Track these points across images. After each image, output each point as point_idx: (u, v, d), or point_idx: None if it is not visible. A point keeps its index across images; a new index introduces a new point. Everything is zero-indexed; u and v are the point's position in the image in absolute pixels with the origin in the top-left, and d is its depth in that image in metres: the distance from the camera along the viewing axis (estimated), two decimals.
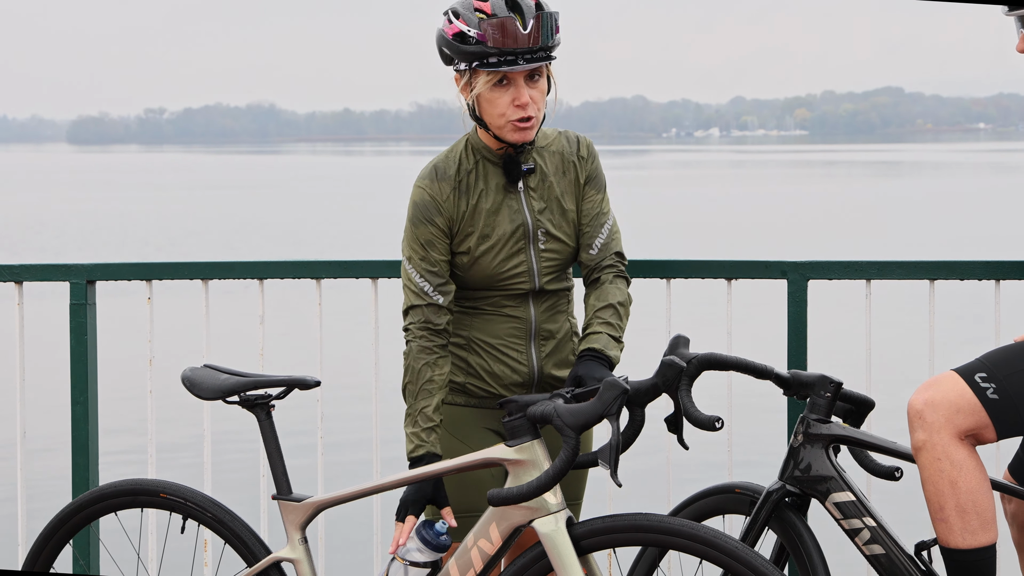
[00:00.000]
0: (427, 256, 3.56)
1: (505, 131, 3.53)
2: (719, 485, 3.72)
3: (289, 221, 37.94)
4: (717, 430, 3.21)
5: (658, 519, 3.15)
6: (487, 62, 3.46)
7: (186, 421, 10.66)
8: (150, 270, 4.47)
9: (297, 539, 3.46)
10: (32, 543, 3.65)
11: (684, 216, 37.99)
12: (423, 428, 3.49)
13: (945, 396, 3.38)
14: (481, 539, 3.23)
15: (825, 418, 3.52)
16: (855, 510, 3.47)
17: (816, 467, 3.50)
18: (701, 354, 3.37)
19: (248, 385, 3.51)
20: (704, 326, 4.74)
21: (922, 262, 4.23)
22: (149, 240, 31.85)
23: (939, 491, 3.37)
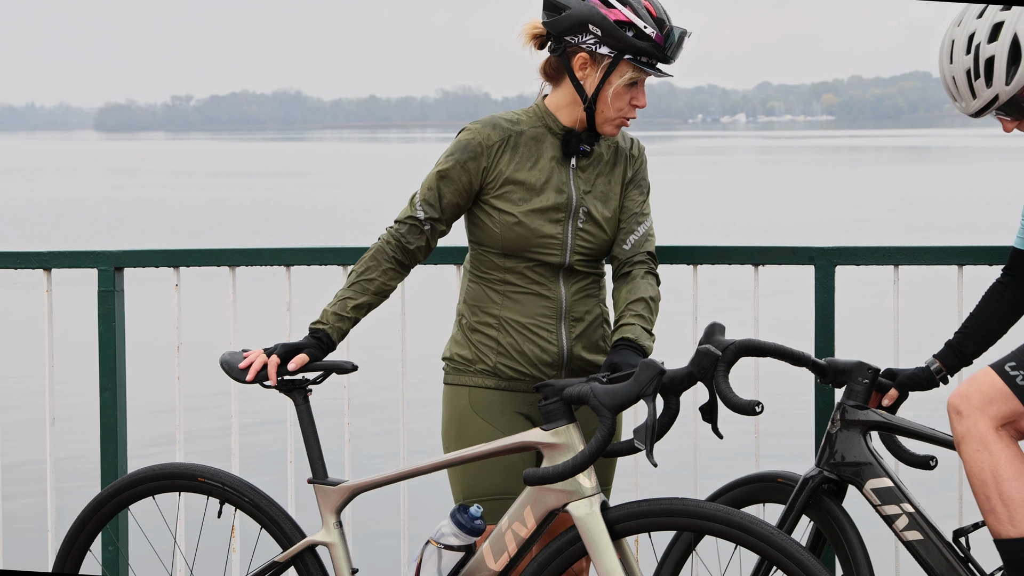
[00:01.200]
0: (435, 188, 3.62)
1: (609, 124, 3.62)
2: (757, 473, 3.72)
3: (315, 208, 38.00)
4: (757, 414, 3.22)
5: (694, 504, 3.16)
6: (640, 59, 3.53)
7: (213, 407, 10.71)
8: (177, 257, 4.48)
9: (332, 523, 3.48)
10: (59, 528, 3.67)
11: (711, 202, 37.90)
12: (335, 312, 3.60)
13: (977, 388, 3.44)
14: (515, 523, 3.25)
15: (863, 404, 3.53)
16: (893, 496, 3.48)
17: (853, 453, 3.51)
18: (738, 340, 3.37)
19: (286, 369, 3.53)
20: (731, 312, 4.73)
21: (951, 247, 4.21)
22: (176, 227, 31.96)
23: (983, 482, 3.40)
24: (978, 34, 3.46)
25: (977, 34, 3.46)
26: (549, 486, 3.20)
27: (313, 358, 3.56)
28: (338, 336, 3.61)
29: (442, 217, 3.65)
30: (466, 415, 3.64)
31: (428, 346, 6.35)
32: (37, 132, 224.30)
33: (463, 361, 3.68)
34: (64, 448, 8.19)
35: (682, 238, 24.16)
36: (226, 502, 3.61)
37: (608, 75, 3.56)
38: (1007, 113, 3.52)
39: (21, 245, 26.35)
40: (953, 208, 34.31)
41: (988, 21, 3.46)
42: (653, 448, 3.11)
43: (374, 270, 3.63)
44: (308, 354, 3.55)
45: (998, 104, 3.49)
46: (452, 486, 3.66)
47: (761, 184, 47.83)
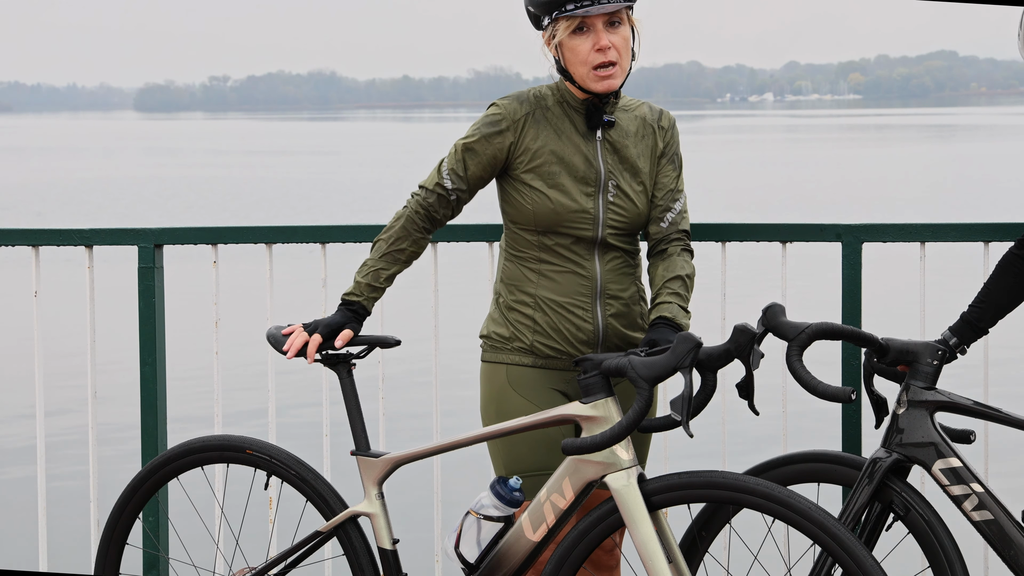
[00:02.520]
0: (461, 159, 3.62)
1: (589, 80, 3.56)
2: (812, 452, 3.63)
3: (350, 186, 38.05)
4: (852, 401, 3.22)
5: (733, 477, 3.16)
6: (565, 9, 3.49)
7: (251, 381, 10.76)
8: (215, 234, 4.49)
9: (374, 494, 3.50)
10: (100, 499, 3.70)
11: (739, 180, 37.75)
12: (369, 283, 3.61)
13: None
14: (554, 494, 3.26)
15: (931, 385, 3.49)
16: (963, 476, 3.41)
17: (921, 433, 3.44)
18: (814, 325, 3.34)
19: (330, 344, 3.55)
20: (759, 289, 4.71)
21: (976, 224, 4.18)
22: (214, 205, 32.05)
23: None
24: None
25: None
26: (587, 458, 3.21)
27: (356, 332, 3.58)
28: (372, 305, 3.62)
29: (467, 187, 3.64)
30: (504, 392, 3.63)
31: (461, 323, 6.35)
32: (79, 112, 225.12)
33: (500, 339, 3.67)
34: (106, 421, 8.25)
35: (710, 215, 24.07)
36: (273, 474, 3.64)
37: (557, 41, 3.56)
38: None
39: (64, 223, 26.48)
40: (979, 186, 34.06)
41: None
42: (689, 419, 3.11)
43: (404, 239, 3.63)
44: (351, 328, 3.57)
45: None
46: (493, 461, 3.66)
47: (789, 162, 47.61)
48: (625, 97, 3.70)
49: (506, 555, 3.33)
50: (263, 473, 3.66)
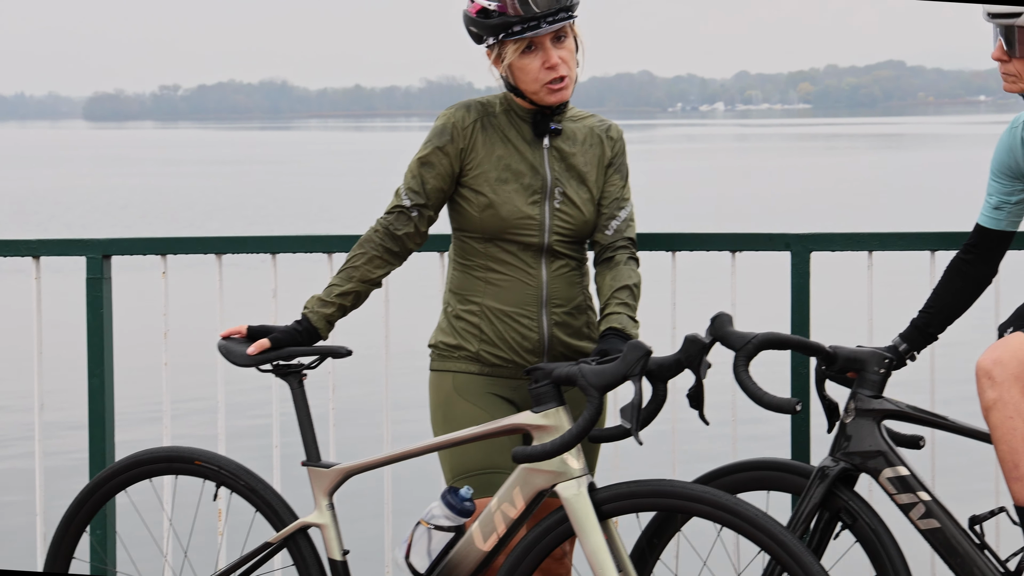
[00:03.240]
0: (419, 174, 3.63)
1: (541, 95, 3.59)
2: (761, 459, 3.66)
3: (301, 196, 37.93)
4: (797, 412, 3.23)
5: (682, 485, 3.18)
6: (512, 32, 3.50)
7: (200, 392, 10.69)
8: (165, 245, 4.47)
9: (324, 505, 3.50)
10: (47, 512, 3.67)
11: (689, 189, 37.93)
12: (319, 298, 3.62)
13: (1013, 354, 3.37)
14: (505, 503, 3.26)
15: (877, 393, 3.50)
16: (909, 485, 3.43)
17: (869, 442, 3.46)
18: (760, 334, 3.35)
19: (281, 354, 3.56)
20: (709, 298, 4.74)
21: (923, 233, 4.22)
22: (164, 215, 31.87)
23: (1013, 449, 3.34)
24: None
25: None
26: (538, 467, 3.21)
27: (276, 343, 3.56)
28: (322, 323, 3.61)
29: (428, 202, 3.64)
30: (451, 399, 3.64)
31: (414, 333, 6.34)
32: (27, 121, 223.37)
33: (447, 348, 3.68)
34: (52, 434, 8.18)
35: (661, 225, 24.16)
36: (222, 485, 3.62)
37: (503, 60, 3.58)
38: (1007, 39, 3.47)
39: (11, 233, 26.25)
40: (926, 194, 34.38)
41: None
42: (639, 428, 3.12)
43: (360, 258, 3.64)
44: (271, 339, 3.56)
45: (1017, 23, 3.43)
46: (442, 466, 3.66)
47: (738, 171, 47.88)
48: (573, 108, 3.72)
49: (457, 565, 3.33)
50: (212, 484, 3.64)
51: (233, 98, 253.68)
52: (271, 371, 3.59)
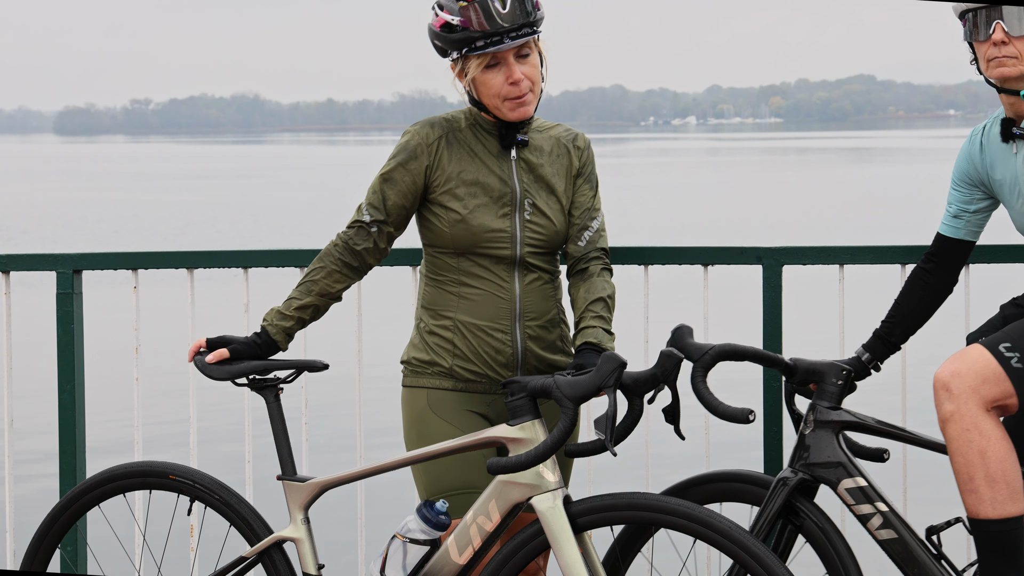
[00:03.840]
0: (379, 191, 3.63)
1: (503, 110, 3.59)
2: (725, 471, 3.68)
3: (273, 210, 37.85)
4: (750, 422, 3.24)
5: (655, 498, 3.19)
6: (475, 47, 3.50)
7: (172, 407, 10.65)
8: (136, 259, 4.46)
9: (300, 519, 3.50)
10: (17, 528, 3.65)
11: (662, 203, 38.02)
12: (278, 311, 3.63)
13: (971, 367, 3.38)
14: (480, 516, 3.26)
15: (836, 405, 3.51)
16: (867, 495, 3.45)
17: (827, 454, 3.48)
18: (717, 346, 3.37)
19: (257, 368, 3.56)
20: (681, 311, 4.75)
21: (894, 247, 4.24)
22: (136, 230, 31.76)
23: (969, 462, 3.35)
24: None
25: None
26: (513, 480, 3.21)
27: (236, 354, 3.58)
28: (281, 335, 3.62)
29: (388, 219, 3.65)
30: (425, 416, 3.63)
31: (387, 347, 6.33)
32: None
33: (420, 364, 3.67)
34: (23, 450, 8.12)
35: (633, 239, 24.21)
36: (196, 499, 3.61)
37: (466, 74, 3.58)
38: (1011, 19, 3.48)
39: None
40: (897, 208, 34.55)
41: None
42: (613, 438, 3.13)
43: (319, 272, 3.65)
44: (230, 350, 3.58)
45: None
46: (416, 483, 3.66)
47: (711, 185, 48.02)
48: (539, 119, 3.73)
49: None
50: (186, 499, 3.63)
51: (205, 112, 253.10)
52: (247, 385, 3.59)
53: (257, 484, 4.39)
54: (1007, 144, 3.60)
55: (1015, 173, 3.58)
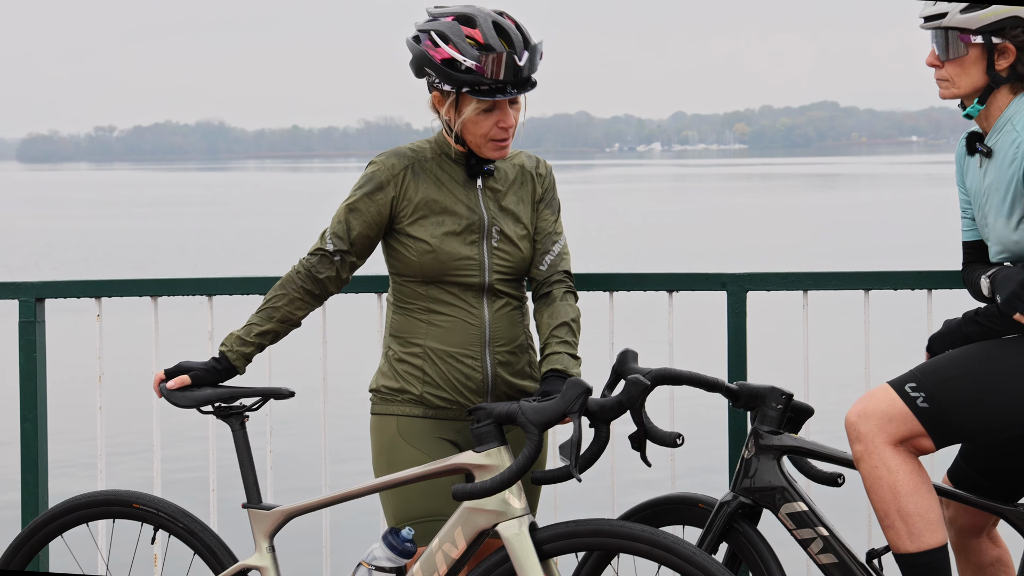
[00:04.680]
0: (344, 220, 3.64)
1: (485, 149, 3.62)
2: (674, 495, 3.71)
3: (238, 237, 37.74)
4: (678, 446, 3.26)
5: (619, 524, 3.20)
6: (479, 90, 3.51)
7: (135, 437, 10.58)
8: (99, 287, 4.44)
9: (265, 547, 3.49)
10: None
11: (627, 229, 38.11)
12: (239, 336, 3.64)
13: (877, 407, 3.42)
14: (446, 543, 3.26)
15: (776, 429, 3.53)
16: (808, 520, 3.47)
17: (768, 478, 3.50)
18: (655, 369, 3.39)
19: (223, 396, 3.55)
20: (646, 338, 4.76)
21: (857, 272, 4.26)
22: (100, 257, 31.60)
23: (881, 498, 3.40)
24: None
25: None
26: (480, 507, 3.21)
27: (197, 380, 3.58)
28: (240, 360, 3.63)
29: (351, 249, 3.65)
30: (395, 443, 3.63)
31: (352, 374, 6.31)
32: None
33: (389, 391, 3.67)
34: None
35: (598, 265, 24.25)
36: (160, 528, 3.60)
37: (458, 108, 3.58)
38: (939, 43, 3.54)
39: None
40: (860, 234, 34.75)
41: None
42: (578, 464, 3.13)
43: (281, 299, 3.65)
44: (191, 376, 3.58)
45: (942, 24, 3.51)
46: (384, 510, 3.66)
47: (675, 211, 48.19)
48: None
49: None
50: (150, 528, 3.61)
51: (169, 139, 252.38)
52: (212, 412, 3.58)
53: (222, 511, 4.37)
54: (974, 156, 3.63)
55: (979, 186, 3.62)
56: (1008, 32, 3.48)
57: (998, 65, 3.51)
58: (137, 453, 10.05)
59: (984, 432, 3.44)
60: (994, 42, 3.49)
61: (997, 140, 3.55)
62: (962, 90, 3.57)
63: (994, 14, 3.47)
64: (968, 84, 3.55)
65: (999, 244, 3.57)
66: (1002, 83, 3.53)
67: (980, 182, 3.61)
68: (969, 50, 3.51)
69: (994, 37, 3.49)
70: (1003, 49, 3.50)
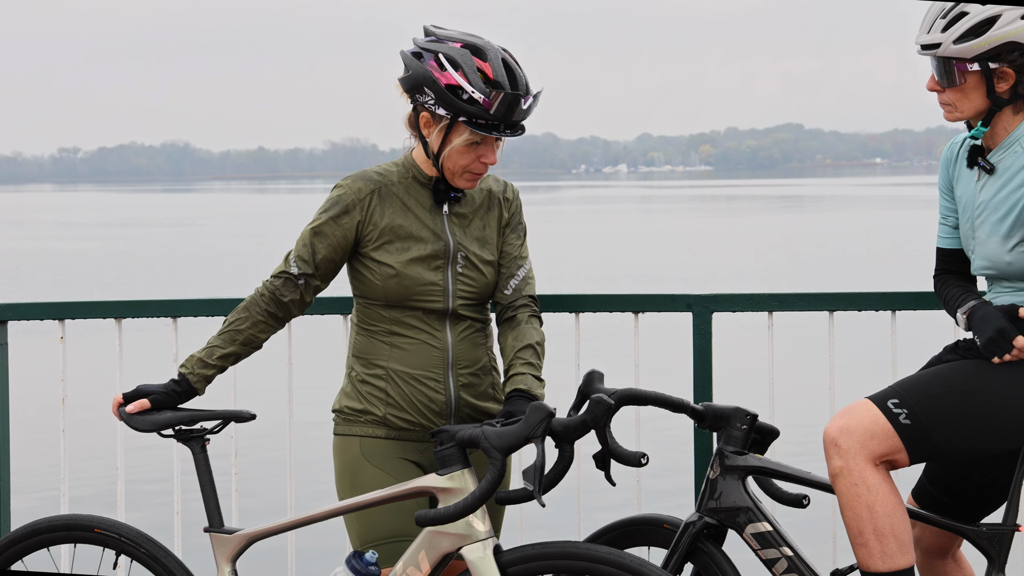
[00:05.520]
0: (309, 244, 3.63)
1: (460, 179, 3.62)
2: (638, 516, 3.71)
3: (205, 259, 37.61)
4: (643, 465, 3.26)
5: (585, 547, 3.19)
6: (475, 122, 3.50)
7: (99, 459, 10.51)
8: (62, 310, 4.41)
9: (227, 571, 3.47)
10: None
11: (593, 251, 38.18)
12: (200, 359, 3.62)
13: (859, 423, 3.41)
14: (410, 567, 3.25)
15: (741, 450, 3.53)
16: (772, 540, 3.47)
17: (733, 498, 3.50)
18: (620, 390, 3.39)
19: (184, 419, 3.53)
20: (613, 359, 4.77)
21: (821, 294, 4.28)
22: (64, 280, 31.41)
23: (857, 516, 3.40)
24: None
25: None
26: (443, 530, 3.20)
27: (156, 404, 3.56)
28: (201, 383, 3.61)
29: (316, 272, 3.65)
30: (358, 464, 3.62)
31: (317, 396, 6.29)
32: None
33: (352, 412, 3.66)
34: None
35: (564, 287, 24.28)
36: (122, 553, 3.58)
37: (447, 135, 3.58)
38: (937, 70, 3.56)
39: None
40: (824, 255, 34.92)
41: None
42: (541, 488, 3.13)
43: (244, 321, 3.64)
44: (151, 400, 3.56)
45: (937, 53, 3.52)
46: (349, 532, 3.64)
47: (641, 232, 48.32)
48: None
49: None
50: (112, 553, 3.58)
51: (135, 160, 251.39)
52: (173, 436, 3.55)
53: (186, 536, 4.34)
54: (972, 169, 3.65)
55: (971, 198, 3.63)
56: (1005, 57, 3.50)
57: (998, 88, 3.53)
58: (101, 477, 9.98)
59: (961, 451, 3.45)
60: (991, 67, 3.51)
61: (1002, 158, 3.56)
62: (965, 114, 3.58)
63: (988, 42, 3.48)
64: (971, 108, 3.57)
65: (986, 260, 3.58)
66: (1004, 104, 3.55)
67: (974, 195, 3.62)
68: (967, 78, 3.53)
69: (991, 63, 3.51)
70: (1001, 73, 3.52)
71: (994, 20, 3.47)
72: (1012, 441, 3.44)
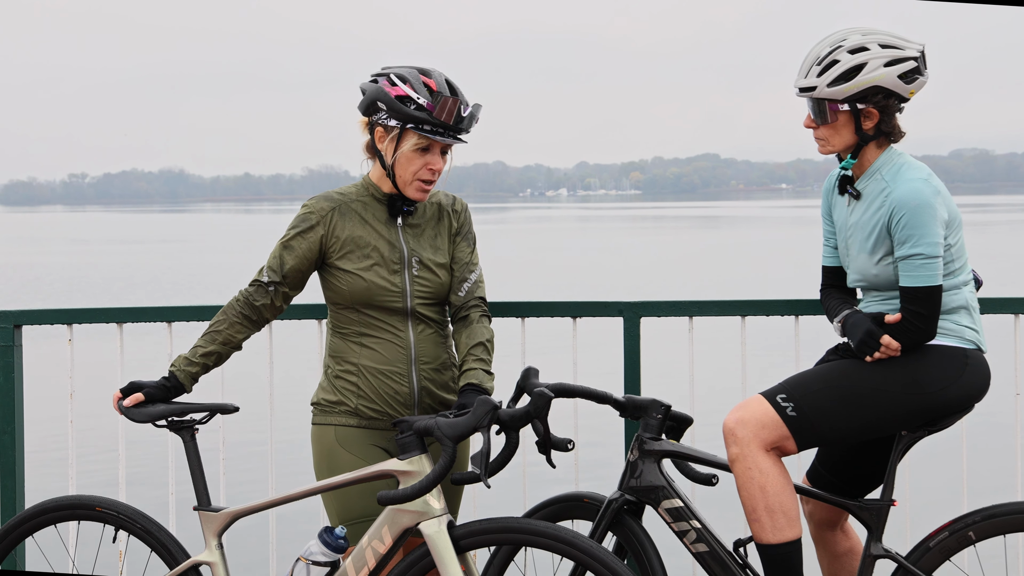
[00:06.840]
0: (279, 256, 3.64)
1: (410, 188, 3.61)
2: (567, 494, 3.74)
3: (197, 272, 37.36)
4: (569, 450, 3.30)
5: (526, 522, 3.22)
6: (422, 127, 3.48)
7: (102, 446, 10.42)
8: (71, 315, 4.39)
9: (214, 544, 3.47)
10: None
11: (537, 263, 38.23)
12: (185, 357, 3.62)
13: (752, 415, 3.47)
14: (374, 541, 3.26)
15: (657, 436, 3.56)
16: (683, 514, 3.51)
17: (650, 478, 3.54)
18: (554, 384, 3.42)
19: (175, 411, 3.52)
20: (554, 358, 4.77)
21: (734, 301, 4.31)
22: (73, 289, 31.12)
23: (751, 495, 3.44)
24: (849, 41, 3.53)
25: (849, 41, 3.53)
26: (404, 508, 3.22)
27: (149, 397, 3.57)
28: (187, 379, 3.60)
29: (284, 280, 3.65)
30: (334, 450, 3.62)
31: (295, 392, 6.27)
32: None
33: (328, 404, 3.66)
34: None
35: (511, 295, 24.29)
36: (120, 528, 3.56)
37: (399, 143, 3.58)
38: (813, 110, 3.59)
39: None
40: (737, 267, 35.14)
41: (861, 41, 3.53)
42: (487, 472, 3.14)
43: (223, 323, 3.64)
44: (144, 394, 3.56)
45: (812, 95, 3.56)
46: (327, 511, 3.64)
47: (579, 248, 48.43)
48: None
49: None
50: (112, 528, 3.57)
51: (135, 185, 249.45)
52: (166, 426, 3.54)
53: (179, 514, 4.31)
54: (844, 196, 3.69)
55: (844, 221, 3.67)
56: (870, 99, 3.54)
57: (865, 126, 3.58)
58: (105, 462, 9.89)
59: (841, 438, 3.50)
60: (859, 107, 3.55)
61: (866, 185, 3.61)
62: (836, 148, 3.63)
63: (855, 86, 3.53)
64: (841, 143, 3.61)
65: (858, 273, 3.64)
66: (870, 140, 3.59)
67: (846, 218, 3.66)
68: (839, 116, 3.57)
69: (859, 103, 3.55)
70: (867, 113, 3.57)
71: (861, 67, 3.53)
72: (886, 428, 3.49)
